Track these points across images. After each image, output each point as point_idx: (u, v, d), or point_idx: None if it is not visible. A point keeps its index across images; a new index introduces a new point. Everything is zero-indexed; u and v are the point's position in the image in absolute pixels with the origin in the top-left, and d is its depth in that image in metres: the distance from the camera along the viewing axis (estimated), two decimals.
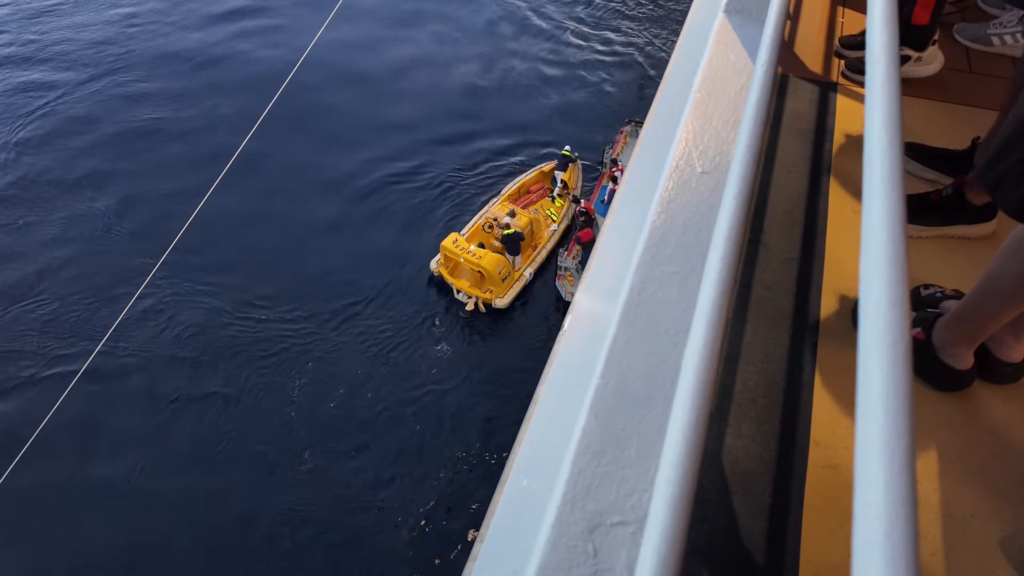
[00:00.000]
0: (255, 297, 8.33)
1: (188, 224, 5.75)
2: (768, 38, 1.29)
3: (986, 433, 1.42)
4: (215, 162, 7.33)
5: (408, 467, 6.99)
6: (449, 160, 10.15)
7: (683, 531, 0.61)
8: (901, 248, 0.65)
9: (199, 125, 10.60)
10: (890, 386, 0.53)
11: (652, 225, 1.32)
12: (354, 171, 9.93)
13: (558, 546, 0.81)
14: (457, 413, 7.45)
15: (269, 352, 7.82)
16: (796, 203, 1.96)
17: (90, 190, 9.63)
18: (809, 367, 1.55)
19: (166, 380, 7.54)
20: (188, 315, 8.17)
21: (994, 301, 1.36)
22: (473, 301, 8.36)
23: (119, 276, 8.45)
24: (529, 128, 10.70)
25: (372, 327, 8.10)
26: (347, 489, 6.79)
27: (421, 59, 11.99)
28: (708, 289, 0.82)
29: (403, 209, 9.47)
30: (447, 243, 8.52)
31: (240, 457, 6.99)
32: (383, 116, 10.80)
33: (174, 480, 6.81)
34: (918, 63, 2.33)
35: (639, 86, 11.57)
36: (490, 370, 7.84)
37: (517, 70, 11.91)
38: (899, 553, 0.45)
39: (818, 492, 1.33)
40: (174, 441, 7.08)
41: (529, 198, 9.70)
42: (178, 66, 11.66)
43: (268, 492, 6.75)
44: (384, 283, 8.55)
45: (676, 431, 0.69)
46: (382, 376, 7.66)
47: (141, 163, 10.02)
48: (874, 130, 0.79)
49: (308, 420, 7.27)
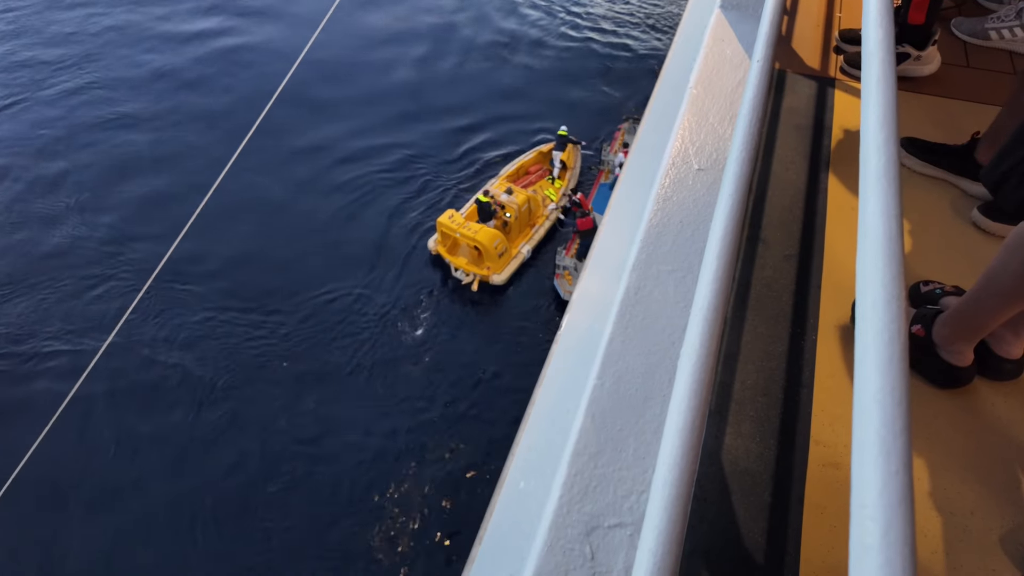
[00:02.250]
0: (259, 306, 8.31)
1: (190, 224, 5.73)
2: (764, 33, 1.28)
3: (986, 430, 1.41)
4: (210, 167, 7.31)
5: (404, 467, 6.98)
6: (439, 153, 10.18)
7: (680, 533, 0.61)
8: (897, 244, 0.64)
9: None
10: (886, 385, 0.53)
11: (649, 223, 1.31)
12: (352, 164, 9.94)
13: (555, 549, 0.81)
14: (457, 412, 7.45)
15: (247, 353, 7.80)
16: (795, 200, 1.95)
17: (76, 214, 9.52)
18: (809, 365, 1.54)
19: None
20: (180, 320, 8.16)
21: (994, 297, 1.35)
22: (472, 278, 8.38)
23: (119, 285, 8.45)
24: (523, 122, 10.71)
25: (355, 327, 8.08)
26: (339, 492, 6.77)
27: (415, 56, 11.99)
28: (704, 287, 0.81)
29: (394, 201, 9.48)
30: (443, 219, 8.56)
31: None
32: (376, 109, 10.81)
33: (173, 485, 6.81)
34: (916, 62, 2.32)
35: (637, 82, 11.55)
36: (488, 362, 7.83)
37: (511, 66, 11.91)
38: (895, 554, 0.44)
39: (818, 491, 1.33)
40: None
41: (528, 179, 9.76)
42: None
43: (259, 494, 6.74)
44: (378, 280, 8.55)
45: (672, 432, 0.68)
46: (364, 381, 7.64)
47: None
48: (870, 126, 0.78)
49: (272, 433, 7.18)
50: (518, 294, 8.70)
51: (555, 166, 9.74)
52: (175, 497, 6.69)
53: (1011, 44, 2.48)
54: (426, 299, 8.41)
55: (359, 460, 7.02)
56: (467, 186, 9.75)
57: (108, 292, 8.40)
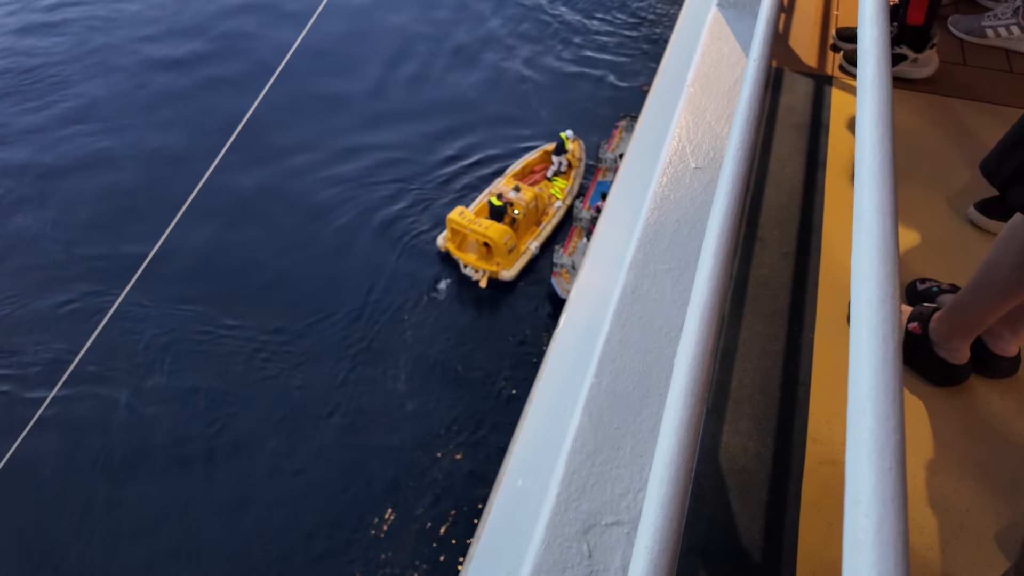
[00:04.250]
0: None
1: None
2: (761, 31, 1.29)
3: (982, 427, 1.42)
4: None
5: (399, 467, 6.98)
6: (433, 158, 10.15)
7: (676, 531, 0.61)
8: (892, 242, 0.65)
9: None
10: (880, 382, 0.53)
11: (646, 222, 1.32)
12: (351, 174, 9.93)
13: (552, 547, 0.81)
14: (456, 407, 7.46)
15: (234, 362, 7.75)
16: (792, 198, 1.95)
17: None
18: (806, 363, 1.55)
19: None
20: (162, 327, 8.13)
21: (990, 293, 1.35)
22: (482, 275, 8.40)
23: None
24: (520, 123, 10.70)
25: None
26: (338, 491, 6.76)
27: (405, 52, 11.96)
28: (701, 286, 0.82)
29: (392, 201, 9.46)
30: (453, 215, 8.57)
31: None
32: (367, 116, 10.76)
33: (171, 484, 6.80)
34: (913, 64, 2.32)
35: (635, 80, 11.55)
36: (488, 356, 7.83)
37: (504, 63, 11.89)
38: (888, 549, 0.45)
39: (815, 488, 1.33)
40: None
41: (533, 177, 9.81)
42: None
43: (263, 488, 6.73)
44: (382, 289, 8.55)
45: (669, 430, 0.68)
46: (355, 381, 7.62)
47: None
48: (865, 124, 0.79)
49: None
50: (519, 291, 8.71)
51: (553, 166, 9.79)
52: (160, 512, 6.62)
53: (1008, 42, 2.49)
54: (425, 298, 8.41)
55: (355, 459, 7.03)
56: (464, 184, 9.74)
57: (80, 306, 8.16)
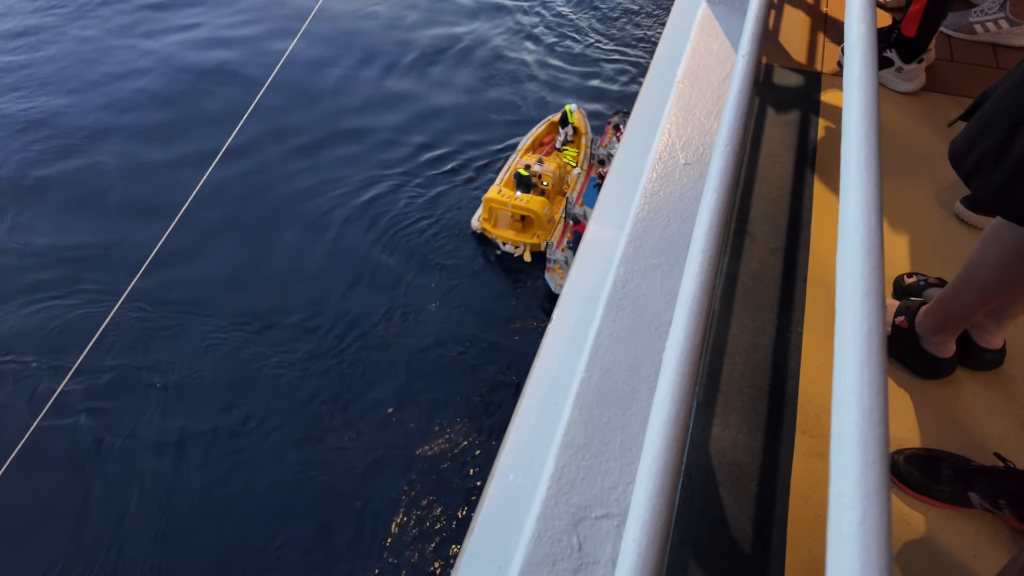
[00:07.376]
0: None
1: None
2: (750, 28, 1.29)
3: (968, 419, 1.43)
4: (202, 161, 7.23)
5: (394, 464, 6.98)
6: (426, 158, 10.11)
7: (664, 524, 0.62)
8: (877, 238, 0.65)
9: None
10: (864, 376, 0.54)
11: (636, 217, 1.32)
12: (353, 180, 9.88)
13: (543, 540, 0.82)
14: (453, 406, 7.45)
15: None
16: (781, 193, 1.97)
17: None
18: (795, 357, 1.56)
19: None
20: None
21: (973, 290, 1.37)
22: (523, 248, 8.36)
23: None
24: (512, 119, 10.68)
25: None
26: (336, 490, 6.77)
27: (393, 50, 11.91)
28: (690, 281, 0.82)
29: (399, 210, 9.43)
30: (491, 194, 8.50)
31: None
32: (353, 119, 10.71)
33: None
34: (898, 73, 2.32)
35: (627, 76, 11.56)
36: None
37: (497, 60, 11.87)
38: (871, 541, 0.46)
39: (804, 481, 1.35)
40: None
41: (544, 150, 9.77)
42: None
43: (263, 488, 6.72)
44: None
45: (657, 424, 0.69)
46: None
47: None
48: (851, 119, 0.80)
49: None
50: (518, 286, 8.70)
51: (560, 137, 9.77)
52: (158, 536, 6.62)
53: (996, 36, 2.50)
54: (421, 297, 8.38)
55: (351, 458, 7.02)
56: (462, 181, 9.70)
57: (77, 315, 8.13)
